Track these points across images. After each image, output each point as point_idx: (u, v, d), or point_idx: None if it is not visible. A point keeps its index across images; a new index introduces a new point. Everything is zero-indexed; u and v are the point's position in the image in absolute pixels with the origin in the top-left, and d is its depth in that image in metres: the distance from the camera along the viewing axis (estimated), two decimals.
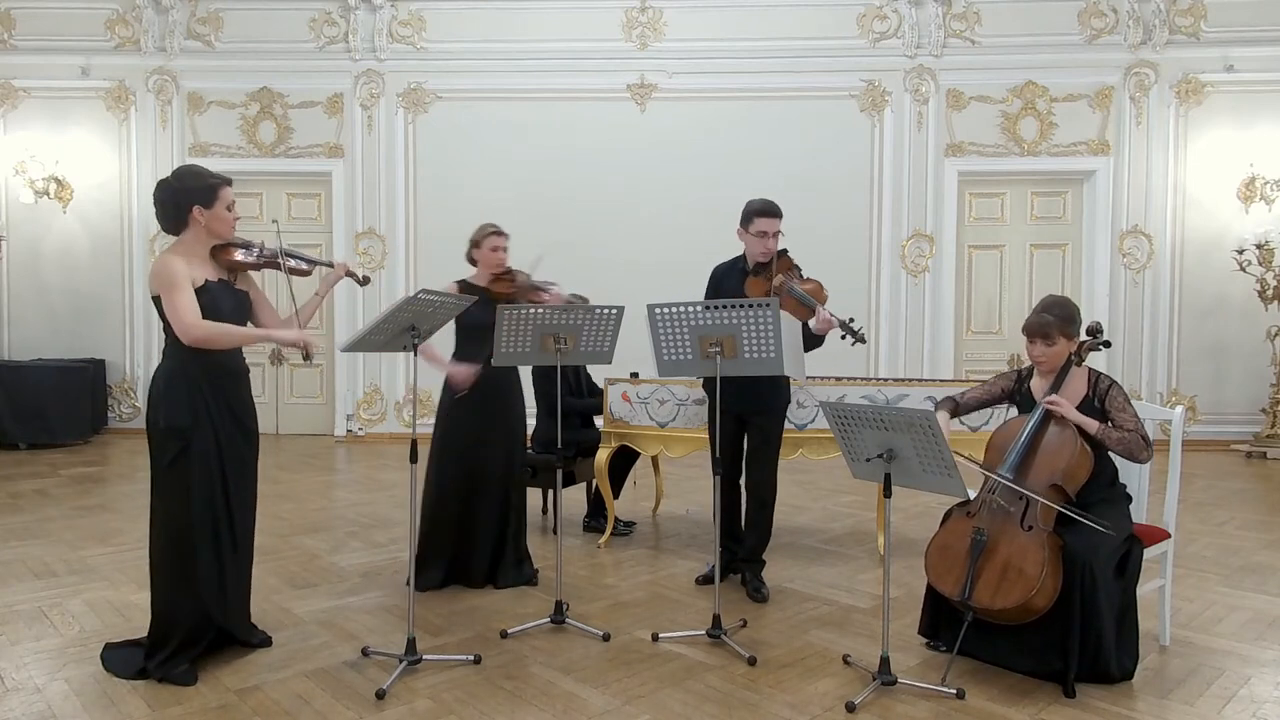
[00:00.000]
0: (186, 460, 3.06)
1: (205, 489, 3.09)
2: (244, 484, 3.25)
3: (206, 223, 3.14)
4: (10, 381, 8.35)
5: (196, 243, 3.16)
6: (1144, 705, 2.95)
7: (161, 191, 3.18)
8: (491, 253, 4.21)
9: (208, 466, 3.09)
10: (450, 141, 9.00)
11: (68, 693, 3.00)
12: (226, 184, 3.19)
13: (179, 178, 3.18)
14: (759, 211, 4.01)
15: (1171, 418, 3.47)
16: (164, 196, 3.16)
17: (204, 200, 3.12)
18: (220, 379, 3.12)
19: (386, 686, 3.01)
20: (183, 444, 3.05)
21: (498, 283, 4.20)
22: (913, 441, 2.88)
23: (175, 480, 3.08)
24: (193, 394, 3.07)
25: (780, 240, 4.04)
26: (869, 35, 8.84)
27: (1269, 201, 8.45)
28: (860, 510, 5.90)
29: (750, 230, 4.03)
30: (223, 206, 3.15)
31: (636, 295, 4.38)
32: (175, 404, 3.06)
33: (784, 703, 2.97)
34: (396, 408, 9.14)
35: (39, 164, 8.83)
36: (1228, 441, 8.51)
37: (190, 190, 3.12)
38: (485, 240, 4.23)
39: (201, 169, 3.23)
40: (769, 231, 3.98)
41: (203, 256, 3.17)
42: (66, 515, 5.64)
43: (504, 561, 4.20)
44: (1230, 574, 4.48)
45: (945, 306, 8.88)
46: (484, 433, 4.16)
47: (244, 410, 3.24)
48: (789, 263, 4.01)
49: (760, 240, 4.00)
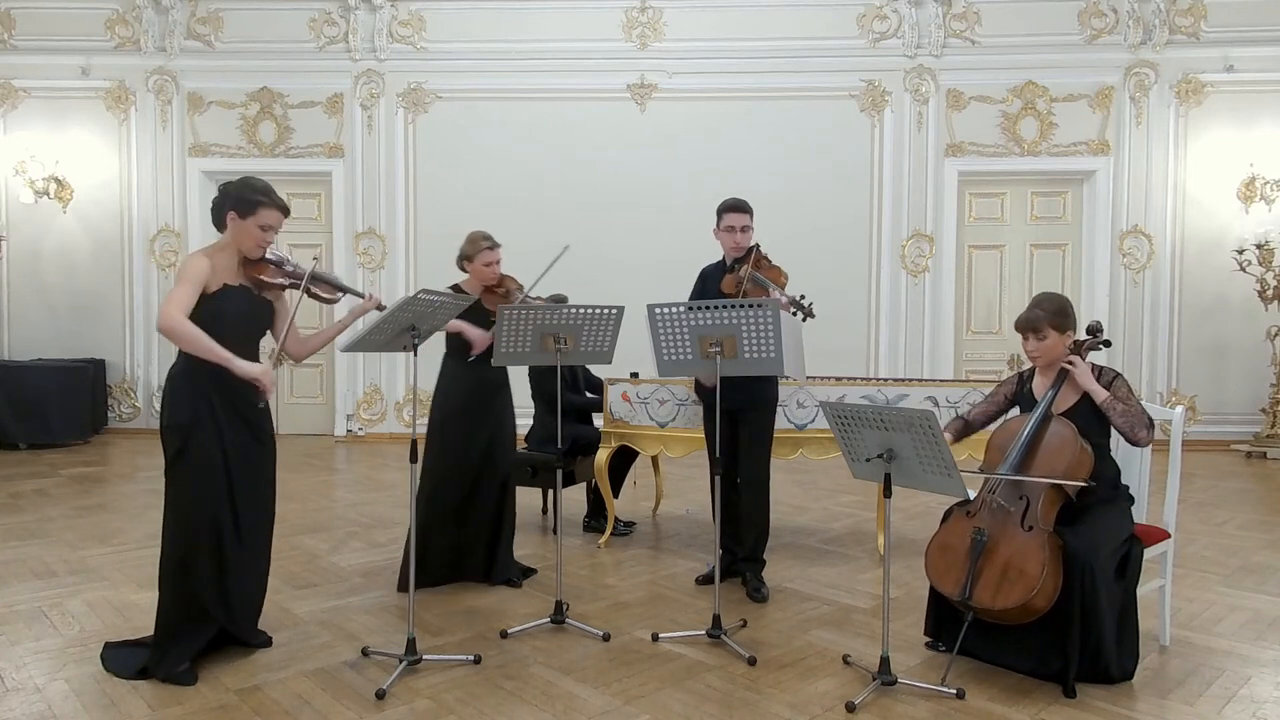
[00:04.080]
0: (187, 458, 3.09)
1: (207, 488, 3.10)
2: (254, 484, 3.25)
3: (233, 231, 3.17)
4: (10, 381, 8.36)
5: (229, 246, 3.21)
6: (1144, 705, 2.95)
7: (218, 190, 3.26)
8: (485, 268, 4.18)
9: (210, 465, 3.10)
10: (450, 141, 9.00)
11: (68, 693, 3.00)
12: (276, 208, 3.19)
13: (237, 184, 3.22)
14: (727, 208, 4.18)
15: (1171, 418, 3.46)
16: (217, 194, 3.24)
17: (240, 210, 3.15)
18: (229, 380, 3.12)
19: (386, 686, 3.01)
20: (182, 442, 3.08)
21: (490, 295, 4.19)
22: (913, 441, 2.88)
23: (178, 478, 3.12)
24: (195, 394, 3.09)
25: (753, 236, 4.17)
26: (869, 35, 8.84)
27: (1269, 201, 8.45)
28: (860, 510, 5.89)
29: (721, 227, 4.19)
30: (256, 225, 3.16)
31: (636, 295, 4.39)
32: (177, 402, 3.11)
33: (784, 703, 2.97)
34: (396, 408, 9.14)
35: (39, 164, 8.83)
36: (1228, 441, 8.51)
37: (234, 197, 3.17)
38: (479, 255, 4.16)
39: (264, 185, 3.23)
40: (736, 226, 4.13)
41: (232, 261, 3.20)
42: (66, 515, 5.64)
43: (497, 559, 4.21)
44: (1230, 574, 4.48)
45: (945, 306, 8.88)
46: (475, 431, 4.16)
47: (254, 412, 3.24)
48: (759, 257, 4.14)
49: (730, 235, 4.15)
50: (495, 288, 4.21)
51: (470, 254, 4.19)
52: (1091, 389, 3.17)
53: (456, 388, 4.18)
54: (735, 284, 4.06)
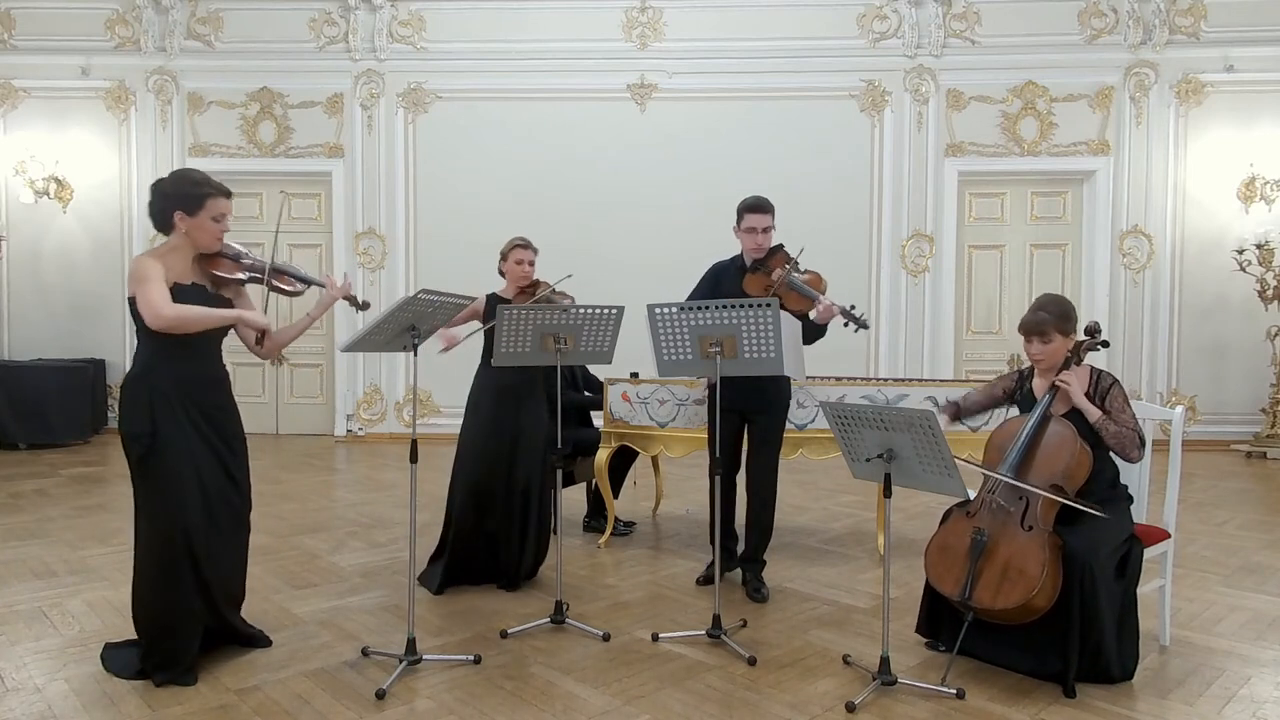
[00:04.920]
0: (154, 465, 3.00)
1: (178, 493, 3.00)
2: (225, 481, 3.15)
3: (188, 231, 3.07)
4: (10, 381, 8.35)
5: (181, 247, 3.10)
6: (1144, 705, 2.95)
7: (152, 192, 3.12)
8: (516, 265, 4.24)
9: (178, 470, 3.00)
10: (450, 141, 9.00)
11: (68, 693, 3.00)
12: (220, 194, 3.10)
13: (172, 181, 3.12)
14: (749, 208, 4.10)
15: (1171, 418, 3.46)
16: (153, 198, 3.11)
17: (188, 207, 3.05)
18: (190, 386, 3.04)
19: (386, 686, 3.01)
20: (144, 450, 2.99)
21: (521, 296, 4.21)
22: (913, 441, 2.88)
23: (147, 487, 3.03)
24: (154, 401, 2.99)
25: (774, 236, 4.11)
26: (869, 35, 8.84)
27: (1269, 201, 8.45)
28: (860, 510, 5.89)
29: (742, 227, 4.12)
30: (208, 217, 3.06)
31: (636, 295, 4.39)
32: (136, 410, 3.01)
33: (784, 703, 2.97)
34: (396, 408, 9.14)
35: (39, 164, 8.82)
36: (1228, 441, 8.51)
37: (175, 196, 3.06)
38: (511, 253, 4.26)
39: (200, 175, 3.14)
40: (758, 227, 4.06)
41: (184, 260, 3.10)
42: (66, 515, 5.64)
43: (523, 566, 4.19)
44: (1230, 574, 4.48)
45: (945, 306, 8.88)
46: (501, 436, 4.15)
47: (223, 415, 3.17)
48: (785, 257, 4.06)
49: (751, 236, 4.08)
50: (528, 288, 4.24)
51: (505, 252, 4.29)
52: (1084, 408, 3.17)
53: (486, 395, 4.18)
54: (763, 286, 3.97)
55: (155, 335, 3.00)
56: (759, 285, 4.00)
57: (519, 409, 4.17)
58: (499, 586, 4.15)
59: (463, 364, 4.37)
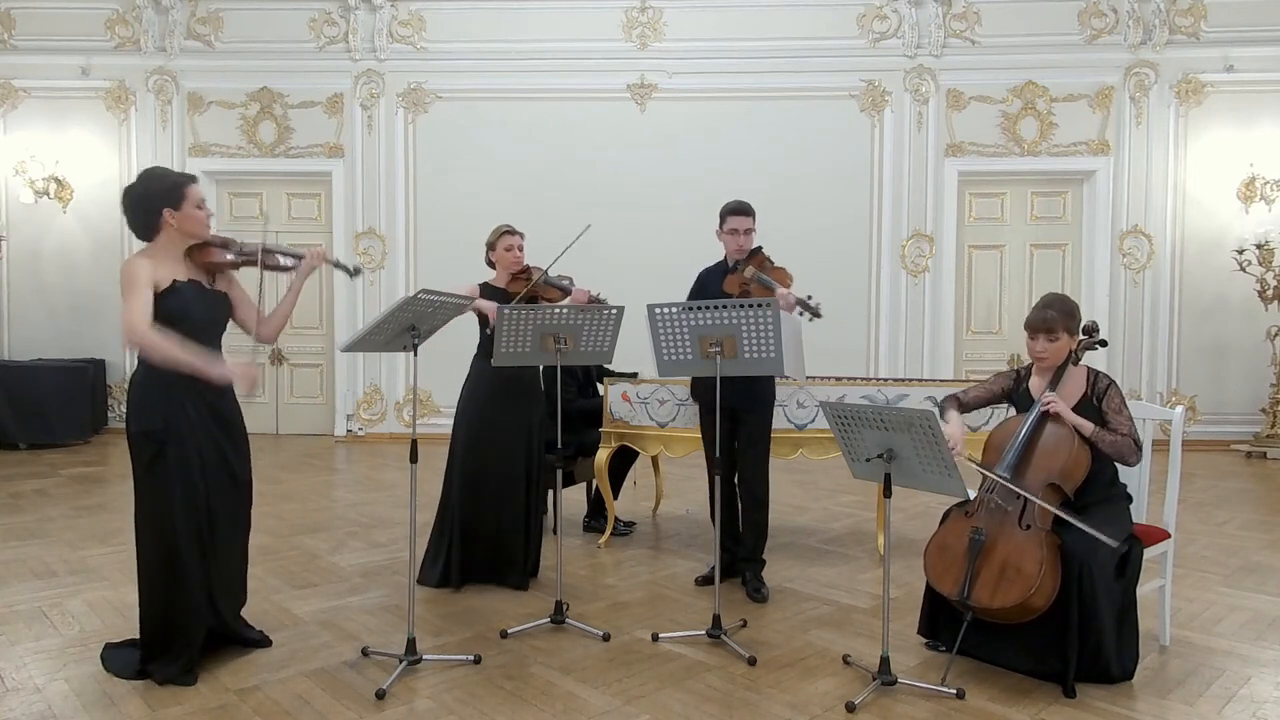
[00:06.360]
0: (164, 464, 3.00)
1: (185, 494, 3.02)
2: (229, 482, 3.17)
3: (179, 224, 3.07)
4: (10, 381, 8.35)
5: (170, 245, 3.10)
6: (1144, 705, 2.95)
7: (128, 198, 3.10)
8: (506, 252, 4.25)
9: (187, 471, 3.02)
10: (450, 141, 9.00)
11: (68, 693, 3.00)
12: (192, 181, 3.13)
13: (144, 182, 3.11)
14: (731, 211, 4.20)
15: (1171, 418, 3.46)
16: (132, 203, 3.08)
17: (173, 201, 3.05)
18: (197, 383, 3.03)
19: (386, 686, 3.01)
20: (156, 448, 3.00)
21: (515, 282, 4.21)
22: (913, 441, 2.88)
23: (156, 485, 3.03)
24: (168, 398, 3.00)
25: (755, 238, 4.20)
26: (869, 35, 8.84)
27: (1269, 201, 8.45)
28: (860, 510, 5.89)
29: (724, 230, 4.21)
30: (192, 205, 3.08)
31: (636, 295, 4.38)
32: (149, 408, 3.01)
33: (784, 703, 2.97)
34: (396, 408, 9.14)
35: (39, 164, 8.82)
36: (1228, 441, 8.51)
37: (157, 194, 3.06)
38: (499, 240, 4.27)
39: (165, 170, 3.17)
40: (739, 229, 4.15)
41: (175, 258, 3.10)
42: (66, 515, 5.64)
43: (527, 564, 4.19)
44: (1230, 574, 4.48)
45: (945, 306, 8.88)
46: (498, 434, 4.14)
47: (229, 410, 3.19)
48: (762, 258, 4.17)
49: (734, 238, 4.17)
50: (520, 274, 4.24)
51: (492, 242, 4.29)
52: (1077, 424, 3.16)
53: (483, 389, 4.18)
54: (739, 284, 4.08)
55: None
56: (735, 284, 4.11)
57: (514, 404, 4.17)
58: (509, 586, 4.14)
59: (463, 364, 4.37)
